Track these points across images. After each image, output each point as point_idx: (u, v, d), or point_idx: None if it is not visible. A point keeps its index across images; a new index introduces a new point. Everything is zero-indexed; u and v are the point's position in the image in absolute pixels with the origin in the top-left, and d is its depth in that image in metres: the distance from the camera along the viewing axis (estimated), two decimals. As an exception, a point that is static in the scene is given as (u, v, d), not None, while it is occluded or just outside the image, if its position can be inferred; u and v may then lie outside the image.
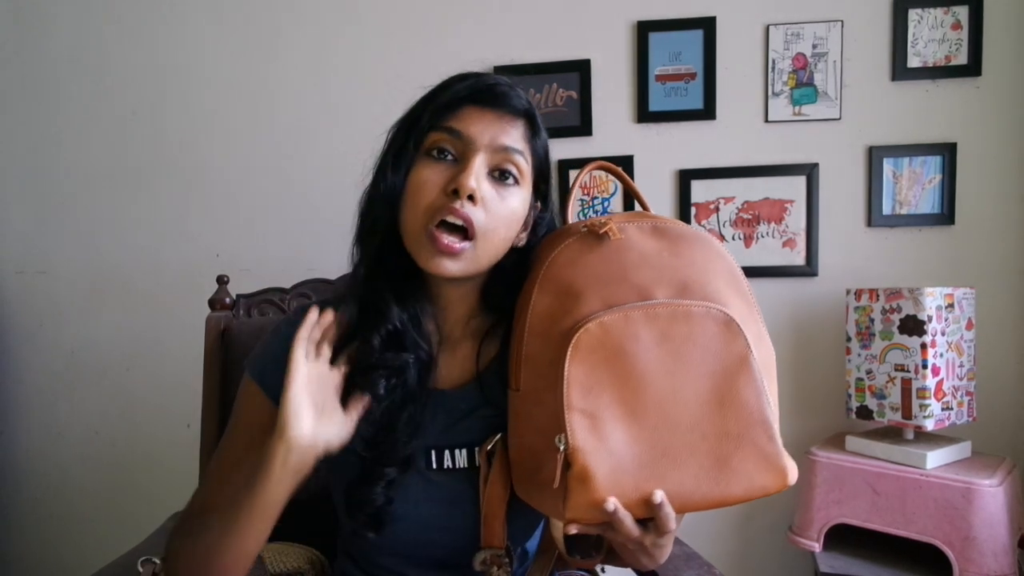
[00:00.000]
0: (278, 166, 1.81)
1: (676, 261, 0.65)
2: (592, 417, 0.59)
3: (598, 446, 0.59)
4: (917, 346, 1.38)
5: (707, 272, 0.65)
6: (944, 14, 1.61)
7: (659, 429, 0.60)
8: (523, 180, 0.73)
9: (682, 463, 0.60)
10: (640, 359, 0.60)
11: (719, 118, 1.69)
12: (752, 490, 0.61)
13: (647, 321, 0.61)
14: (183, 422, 1.81)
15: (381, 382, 0.72)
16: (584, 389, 0.59)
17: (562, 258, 0.67)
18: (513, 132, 0.72)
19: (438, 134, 0.71)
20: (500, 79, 0.74)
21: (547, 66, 1.72)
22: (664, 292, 0.63)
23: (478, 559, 0.73)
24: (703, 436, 0.60)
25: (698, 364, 0.60)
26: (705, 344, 0.61)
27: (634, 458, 0.59)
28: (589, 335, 0.60)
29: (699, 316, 0.61)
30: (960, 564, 1.29)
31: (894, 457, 1.40)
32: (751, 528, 1.73)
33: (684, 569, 0.91)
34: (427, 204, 0.69)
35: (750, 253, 1.68)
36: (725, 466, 0.60)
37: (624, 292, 0.63)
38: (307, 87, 1.80)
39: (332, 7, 1.78)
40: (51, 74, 1.86)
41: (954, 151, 1.61)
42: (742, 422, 0.60)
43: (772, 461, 0.61)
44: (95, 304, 1.88)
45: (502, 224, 0.71)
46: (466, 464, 0.76)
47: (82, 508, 1.91)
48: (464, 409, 0.77)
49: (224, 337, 1.23)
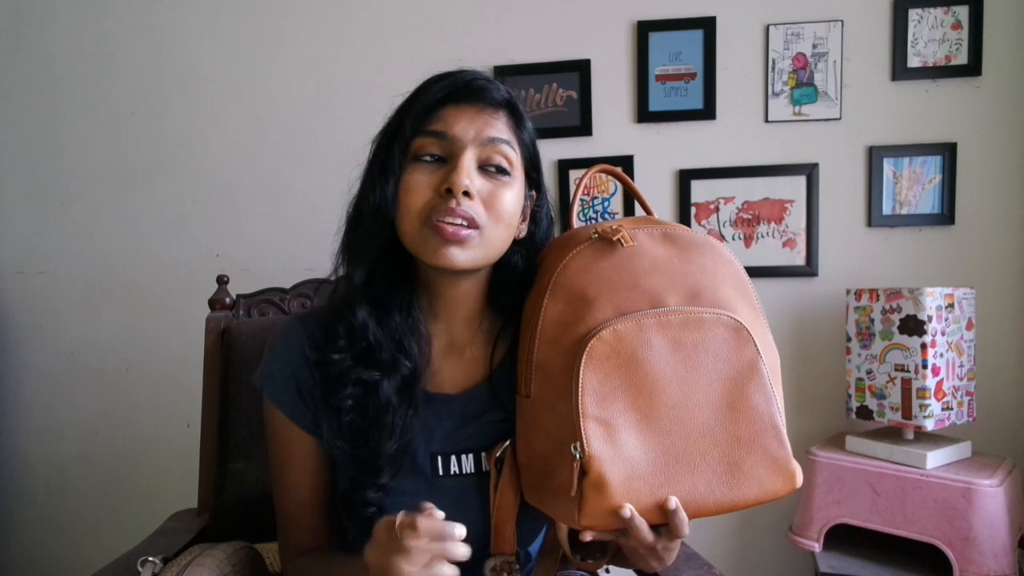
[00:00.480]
0: (278, 166, 1.81)
1: (686, 268, 0.66)
2: (607, 425, 0.59)
3: (613, 454, 0.59)
4: (917, 346, 1.38)
5: (716, 278, 0.66)
6: (944, 14, 1.61)
7: (672, 435, 0.60)
8: (514, 170, 0.73)
9: (695, 468, 0.60)
10: (653, 366, 0.60)
11: (719, 118, 1.69)
12: (763, 494, 0.61)
13: (660, 328, 0.61)
14: (183, 422, 1.81)
15: (348, 400, 0.72)
16: (599, 397, 0.60)
17: (574, 265, 0.67)
18: (497, 124, 0.72)
19: (422, 139, 0.70)
20: (476, 74, 0.74)
21: (547, 66, 1.72)
22: (675, 299, 0.64)
23: (488, 566, 0.72)
24: (715, 442, 0.60)
25: (709, 370, 0.61)
26: (716, 350, 0.61)
27: (648, 464, 0.60)
28: (603, 343, 0.60)
29: (710, 323, 0.62)
30: (960, 564, 1.29)
31: (894, 457, 1.40)
32: (751, 528, 1.73)
33: (684, 569, 0.90)
34: (422, 206, 0.69)
35: (750, 253, 1.68)
36: (737, 471, 0.61)
37: (636, 299, 0.63)
38: (307, 87, 1.80)
39: (332, 7, 1.78)
40: (51, 74, 1.86)
41: (954, 151, 1.61)
42: (753, 427, 0.61)
43: (782, 465, 0.61)
44: (95, 304, 1.88)
45: (501, 216, 0.71)
46: (473, 469, 0.76)
47: (82, 508, 1.91)
48: (472, 413, 0.77)
49: (224, 337, 1.23)
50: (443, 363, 0.78)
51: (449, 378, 0.78)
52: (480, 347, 0.79)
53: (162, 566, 0.82)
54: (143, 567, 0.82)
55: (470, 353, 0.79)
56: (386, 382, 0.72)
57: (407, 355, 0.73)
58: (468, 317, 0.78)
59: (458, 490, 0.75)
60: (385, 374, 0.72)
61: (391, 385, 0.72)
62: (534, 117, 1.72)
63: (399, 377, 0.72)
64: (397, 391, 0.72)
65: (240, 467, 1.16)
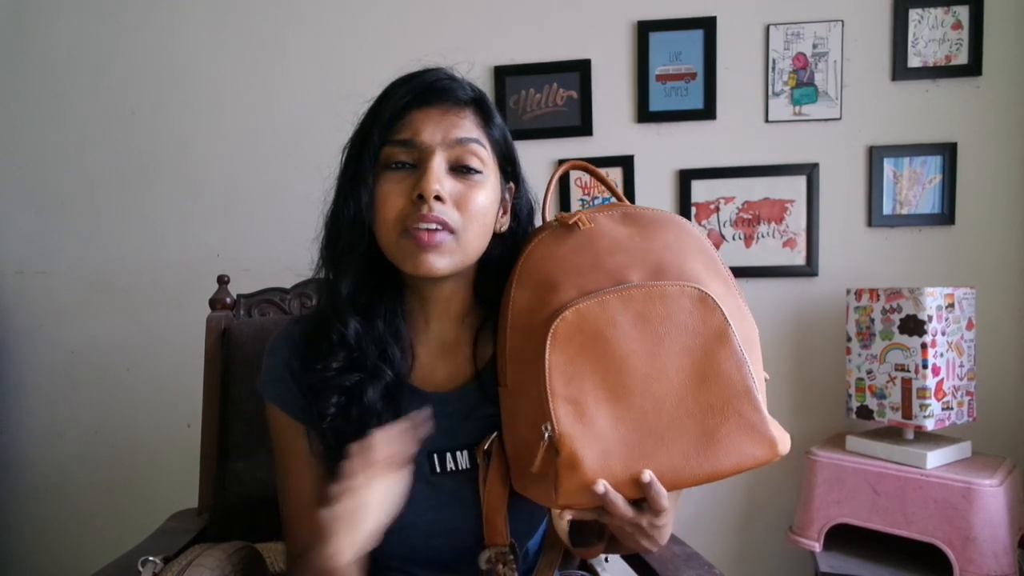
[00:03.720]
0: (279, 166, 1.81)
1: (648, 244, 0.67)
2: (576, 403, 0.60)
3: (584, 431, 0.60)
4: (917, 346, 1.38)
5: (682, 254, 0.66)
6: (944, 14, 1.61)
7: (644, 409, 0.61)
8: (486, 167, 0.73)
9: (669, 441, 0.61)
10: (619, 342, 0.61)
11: (719, 118, 1.69)
12: (742, 462, 0.61)
13: (622, 304, 0.62)
14: (183, 422, 1.81)
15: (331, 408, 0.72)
16: (566, 377, 0.60)
17: (536, 252, 0.69)
18: (464, 123, 0.72)
19: (390, 148, 0.71)
20: (439, 73, 0.74)
21: (547, 66, 1.72)
22: (638, 275, 0.64)
23: (483, 558, 0.73)
24: (688, 412, 0.61)
25: (676, 342, 0.61)
26: (683, 321, 0.62)
27: (621, 440, 0.60)
28: (566, 323, 0.61)
29: (674, 295, 0.62)
30: (960, 564, 1.29)
31: (894, 457, 1.40)
32: (751, 528, 1.73)
33: (684, 569, 0.90)
34: (396, 215, 0.70)
35: (750, 253, 1.68)
36: (712, 440, 0.61)
37: (599, 279, 0.64)
38: (308, 86, 1.80)
39: (333, 7, 1.78)
40: (51, 74, 1.86)
41: (954, 151, 1.61)
42: (725, 394, 0.61)
43: (759, 430, 0.61)
44: (95, 304, 1.88)
45: (475, 216, 0.71)
46: (468, 465, 0.76)
47: (82, 508, 1.91)
48: (464, 410, 0.77)
49: (224, 337, 1.23)
50: (437, 363, 0.79)
51: (443, 377, 0.79)
52: (470, 344, 0.80)
53: (163, 566, 0.82)
54: (144, 567, 0.82)
55: (463, 350, 0.80)
56: (370, 389, 0.73)
57: (390, 363, 0.74)
58: (458, 316, 0.79)
59: (455, 487, 0.76)
60: (369, 381, 0.73)
61: (375, 392, 0.73)
62: (534, 117, 1.73)
63: (382, 384, 0.73)
64: (381, 397, 0.73)
65: (240, 467, 1.16)
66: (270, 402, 0.78)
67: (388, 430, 0.63)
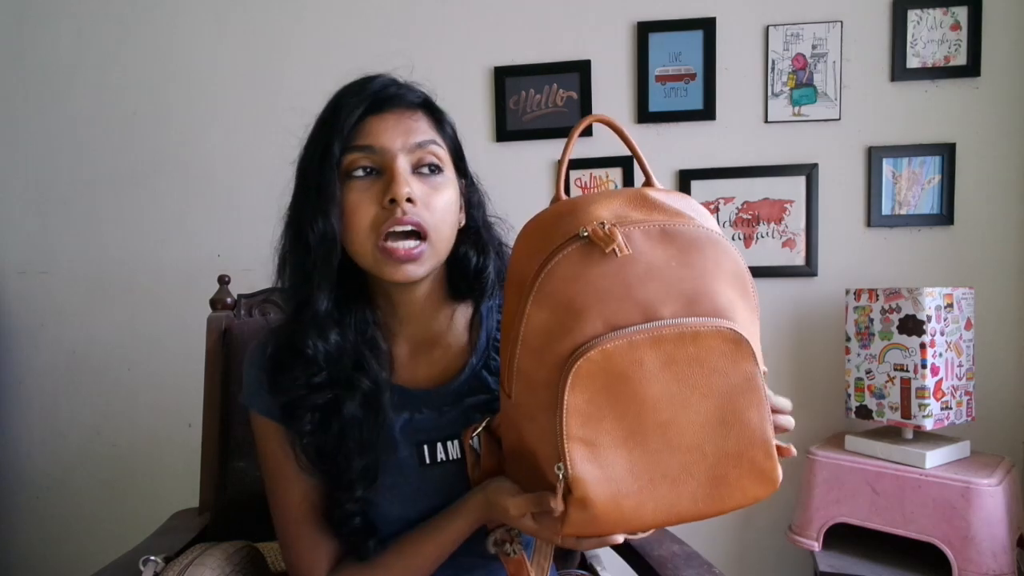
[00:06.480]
0: (280, 166, 1.80)
1: (685, 272, 0.61)
2: (591, 445, 0.58)
3: (598, 475, 0.58)
4: (916, 346, 1.38)
5: (717, 279, 0.62)
6: (943, 15, 1.61)
7: (660, 452, 0.59)
8: (446, 166, 0.75)
9: (680, 483, 0.59)
10: (642, 384, 0.58)
11: (719, 118, 1.69)
12: (744, 502, 0.61)
13: (652, 345, 0.58)
14: (184, 422, 1.81)
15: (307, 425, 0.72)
16: (584, 417, 0.58)
17: (559, 271, 0.61)
18: (420, 126, 0.74)
19: (352, 155, 0.71)
20: (386, 80, 0.76)
21: (547, 66, 1.72)
22: (671, 308, 0.60)
23: (489, 541, 0.72)
24: (703, 456, 0.59)
25: (703, 385, 0.59)
26: (712, 364, 0.59)
27: (633, 482, 0.59)
28: (591, 363, 0.57)
29: (707, 336, 0.59)
30: (959, 563, 1.29)
31: (893, 457, 1.40)
32: (751, 528, 1.74)
33: (684, 568, 0.91)
34: (369, 222, 0.70)
35: (750, 253, 1.68)
36: (722, 483, 0.60)
37: (628, 311, 0.59)
38: (308, 86, 1.79)
39: (334, 7, 1.78)
40: (53, 75, 1.87)
41: (953, 151, 1.62)
42: (743, 442, 0.60)
43: (768, 475, 0.61)
44: (97, 304, 1.89)
45: (445, 214, 0.73)
46: (459, 455, 0.77)
47: (83, 507, 1.92)
48: (451, 402, 0.78)
49: (225, 337, 1.23)
50: (418, 361, 0.80)
51: (426, 372, 0.80)
52: (454, 337, 0.81)
53: (164, 565, 0.82)
54: (145, 566, 0.82)
55: (443, 345, 0.81)
56: (348, 403, 0.72)
57: (366, 371, 0.74)
58: (432, 313, 0.80)
59: (446, 476, 0.76)
60: (346, 395, 0.73)
61: (353, 404, 0.73)
62: (534, 118, 1.73)
63: (359, 395, 0.73)
64: (360, 406, 0.73)
65: (241, 466, 1.16)
66: (255, 412, 0.78)
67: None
